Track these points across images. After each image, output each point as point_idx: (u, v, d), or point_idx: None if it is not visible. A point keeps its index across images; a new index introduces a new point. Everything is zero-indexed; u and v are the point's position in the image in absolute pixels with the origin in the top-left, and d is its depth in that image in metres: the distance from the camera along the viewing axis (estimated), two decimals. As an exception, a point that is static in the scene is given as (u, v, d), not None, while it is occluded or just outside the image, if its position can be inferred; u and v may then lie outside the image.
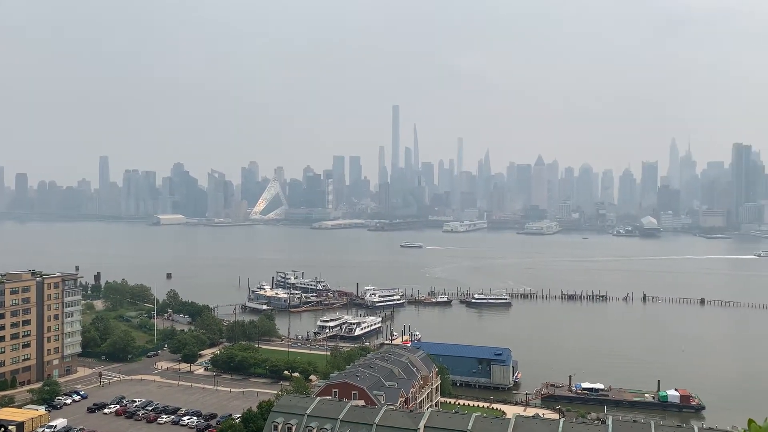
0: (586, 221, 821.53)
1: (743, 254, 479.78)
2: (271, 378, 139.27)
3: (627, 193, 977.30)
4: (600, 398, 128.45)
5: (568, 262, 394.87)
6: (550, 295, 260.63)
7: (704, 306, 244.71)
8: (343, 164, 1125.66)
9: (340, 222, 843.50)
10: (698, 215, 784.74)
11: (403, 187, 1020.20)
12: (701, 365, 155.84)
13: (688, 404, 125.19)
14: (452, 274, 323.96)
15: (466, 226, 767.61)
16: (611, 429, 73.01)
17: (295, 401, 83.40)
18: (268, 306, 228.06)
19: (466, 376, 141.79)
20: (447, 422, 75.88)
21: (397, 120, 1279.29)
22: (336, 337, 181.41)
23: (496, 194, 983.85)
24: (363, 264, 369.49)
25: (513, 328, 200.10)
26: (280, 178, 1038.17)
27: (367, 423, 75.30)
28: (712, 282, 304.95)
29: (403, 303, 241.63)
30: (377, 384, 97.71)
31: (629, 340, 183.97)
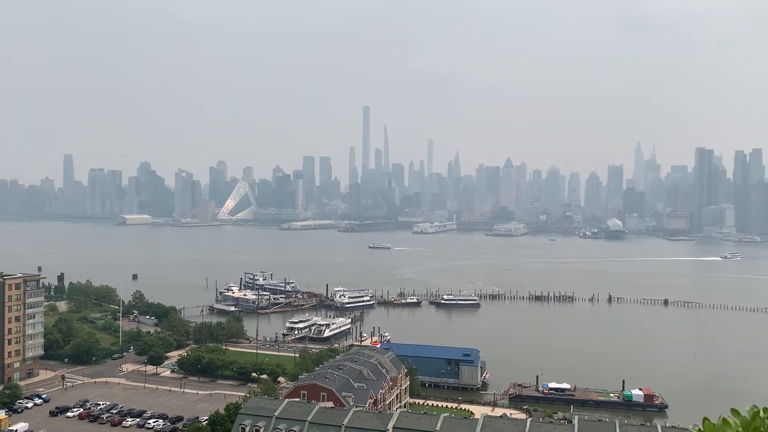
0: (554, 223, 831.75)
1: (708, 256, 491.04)
2: (238, 380, 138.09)
3: (593, 195, 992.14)
4: (566, 398, 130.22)
5: (535, 264, 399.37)
6: (518, 296, 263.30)
7: (668, 307, 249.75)
8: (313, 165, 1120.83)
9: (309, 223, 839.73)
10: (662, 217, 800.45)
11: (374, 188, 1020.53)
12: (665, 365, 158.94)
13: (652, 403, 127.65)
14: (422, 275, 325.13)
15: (436, 227, 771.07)
16: (577, 428, 74.08)
17: (263, 403, 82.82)
18: (236, 307, 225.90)
19: (435, 377, 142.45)
20: (416, 423, 76.16)
21: (367, 121, 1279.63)
22: (305, 338, 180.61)
23: (465, 196, 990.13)
24: (333, 265, 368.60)
25: (481, 329, 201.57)
26: (249, 178, 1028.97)
27: (336, 425, 75.15)
28: (675, 283, 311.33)
29: (373, 304, 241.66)
30: (346, 385, 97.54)
31: (595, 341, 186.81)
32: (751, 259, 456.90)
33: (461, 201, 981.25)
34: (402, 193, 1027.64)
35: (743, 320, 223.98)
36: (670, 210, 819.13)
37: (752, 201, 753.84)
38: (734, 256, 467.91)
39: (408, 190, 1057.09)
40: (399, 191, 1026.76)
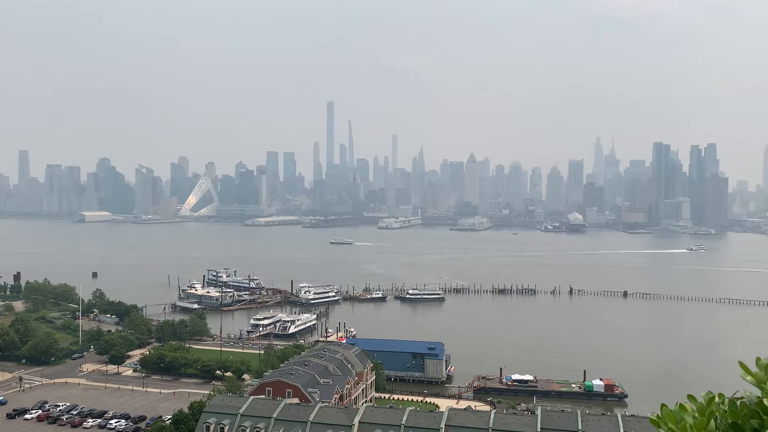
0: (516, 217, 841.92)
1: (667, 248, 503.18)
2: (202, 378, 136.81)
3: (554, 190, 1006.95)
4: (529, 389, 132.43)
5: (499, 257, 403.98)
6: (482, 290, 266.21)
7: (627, 298, 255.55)
8: (276, 160, 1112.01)
9: (273, 219, 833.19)
10: (621, 211, 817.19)
11: (338, 183, 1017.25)
12: (624, 355, 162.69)
13: (612, 393, 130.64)
14: (388, 270, 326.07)
15: (401, 222, 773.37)
16: (540, 419, 75.45)
17: (228, 401, 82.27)
18: (199, 305, 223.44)
19: (401, 371, 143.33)
20: (381, 417, 76.62)
21: (332, 116, 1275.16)
22: (270, 335, 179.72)
23: (430, 191, 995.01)
24: (298, 261, 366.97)
25: (446, 323, 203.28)
26: (212, 174, 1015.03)
27: (302, 421, 75.12)
28: (634, 275, 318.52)
29: (338, 300, 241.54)
30: (312, 381, 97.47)
31: (557, 333, 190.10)
32: (713, 251, 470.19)
33: (426, 196, 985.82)
34: (367, 188, 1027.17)
35: (700, 310, 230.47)
36: (629, 204, 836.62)
37: (707, 194, 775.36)
38: (699, 248, 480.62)
39: (373, 186, 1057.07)
40: (364, 187, 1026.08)
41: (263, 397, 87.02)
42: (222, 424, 77.12)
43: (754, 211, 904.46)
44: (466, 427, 74.39)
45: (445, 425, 74.02)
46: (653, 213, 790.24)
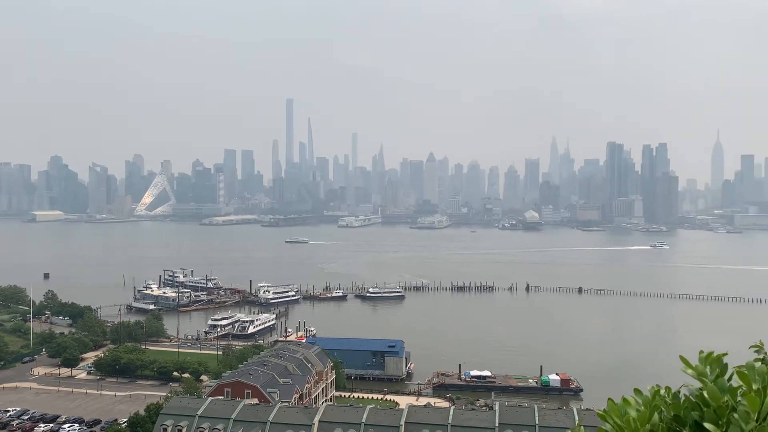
0: (475, 215, 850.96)
1: (637, 245, 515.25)
2: (159, 380, 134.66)
3: (511, 188, 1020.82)
4: (488, 385, 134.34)
5: (458, 255, 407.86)
6: (441, 287, 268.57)
7: (582, 294, 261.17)
8: (234, 158, 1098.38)
9: (232, 217, 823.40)
10: (576, 209, 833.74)
11: (298, 182, 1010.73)
12: (579, 350, 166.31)
13: (568, 387, 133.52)
14: (348, 268, 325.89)
15: (361, 220, 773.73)
16: (498, 414, 76.71)
17: (186, 402, 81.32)
18: (155, 306, 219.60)
19: (361, 369, 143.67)
20: (341, 416, 76.81)
21: (291, 114, 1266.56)
22: (228, 335, 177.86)
23: (390, 189, 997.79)
24: (256, 260, 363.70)
25: (406, 320, 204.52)
26: (168, 172, 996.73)
27: (261, 421, 74.75)
28: (588, 272, 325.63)
29: (298, 299, 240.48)
30: (271, 381, 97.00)
31: (514, 328, 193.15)
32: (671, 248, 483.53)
33: (386, 195, 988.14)
34: (327, 187, 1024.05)
35: (653, 306, 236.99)
36: (584, 202, 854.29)
37: (658, 192, 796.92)
38: (662, 245, 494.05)
39: (333, 184, 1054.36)
40: (324, 185, 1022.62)
41: (222, 398, 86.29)
42: (179, 426, 76.16)
43: (703, 208, 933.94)
44: (425, 424, 75.14)
45: (405, 422, 74.62)
46: (607, 211, 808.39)
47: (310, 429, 73.21)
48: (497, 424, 74.05)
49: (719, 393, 4.02)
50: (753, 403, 3.77)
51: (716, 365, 4.41)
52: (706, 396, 4.08)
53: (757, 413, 3.78)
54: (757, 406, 3.78)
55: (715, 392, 4.04)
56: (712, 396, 4.04)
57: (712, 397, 4.03)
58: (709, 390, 4.10)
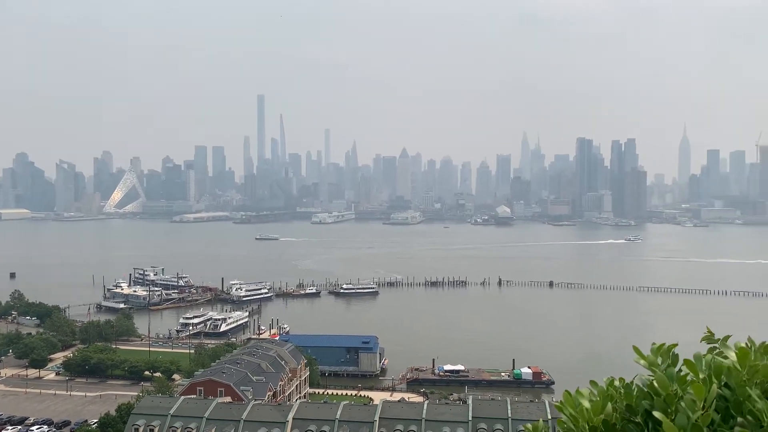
0: (447, 211, 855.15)
1: (590, 240, 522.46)
2: (130, 379, 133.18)
3: (484, 184, 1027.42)
4: (461, 379, 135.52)
5: (431, 251, 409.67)
6: (415, 283, 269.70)
7: (553, 288, 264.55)
8: (205, 155, 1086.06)
9: (203, 215, 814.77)
10: (547, 204, 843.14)
11: (270, 178, 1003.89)
12: (551, 343, 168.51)
13: (540, 380, 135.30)
14: (322, 265, 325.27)
15: (335, 217, 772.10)
16: (471, 408, 77.48)
17: (158, 402, 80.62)
18: (125, 304, 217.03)
19: (335, 366, 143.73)
20: (316, 412, 76.86)
21: (262, 110, 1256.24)
22: (200, 334, 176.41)
23: (363, 185, 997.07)
24: (228, 258, 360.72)
25: (380, 316, 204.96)
26: (137, 169, 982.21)
27: (234, 419, 74.44)
28: (559, 266, 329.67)
29: (271, 296, 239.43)
30: (244, 379, 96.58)
31: (487, 323, 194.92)
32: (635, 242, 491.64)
33: (359, 191, 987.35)
34: (299, 183, 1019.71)
35: (622, 298, 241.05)
36: (554, 197, 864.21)
37: (627, 187, 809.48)
38: (636, 239, 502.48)
39: (305, 180, 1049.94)
40: (296, 181, 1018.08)
41: (194, 397, 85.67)
42: (151, 426, 75.45)
43: (671, 202, 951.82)
44: (399, 419, 75.58)
45: (379, 418, 74.95)
46: (577, 206, 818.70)
47: (284, 426, 73.12)
48: (470, 418, 74.80)
49: (668, 382, 4.15)
50: (699, 392, 3.91)
51: (667, 356, 4.54)
52: (656, 385, 4.21)
53: (703, 401, 3.91)
54: (702, 394, 3.90)
55: (664, 381, 4.17)
56: (661, 385, 4.16)
57: (661, 386, 4.15)
58: (658, 379, 4.22)
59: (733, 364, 4.23)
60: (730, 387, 4.17)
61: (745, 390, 4.05)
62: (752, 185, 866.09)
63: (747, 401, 3.99)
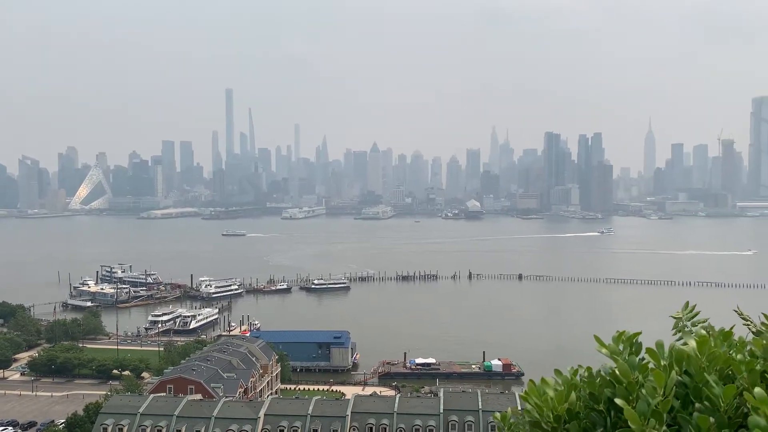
0: (418, 205, 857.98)
1: (559, 233, 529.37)
2: (98, 378, 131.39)
3: (454, 178, 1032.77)
4: (432, 372, 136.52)
5: (402, 245, 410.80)
6: (386, 277, 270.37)
7: (522, 281, 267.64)
8: (172, 149, 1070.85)
9: (171, 211, 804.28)
10: (516, 198, 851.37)
11: (239, 173, 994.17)
12: (520, 335, 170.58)
13: (510, 372, 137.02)
14: (294, 261, 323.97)
15: (305, 212, 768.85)
16: (443, 400, 78.22)
17: (126, 400, 79.68)
18: (92, 302, 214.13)
19: (307, 362, 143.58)
20: (287, 408, 76.78)
21: (230, 104, 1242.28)
22: (170, 331, 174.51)
23: (333, 180, 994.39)
24: (197, 254, 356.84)
25: (352, 311, 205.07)
26: (103, 165, 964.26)
27: (205, 417, 73.98)
28: (528, 259, 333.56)
29: (241, 293, 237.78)
30: (215, 376, 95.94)
31: (458, 316, 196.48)
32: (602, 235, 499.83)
33: (330, 186, 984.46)
34: (269, 178, 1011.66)
35: (589, 290, 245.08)
36: (523, 191, 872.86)
37: (593, 181, 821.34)
38: (609, 231, 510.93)
39: (275, 176, 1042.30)
40: (266, 176, 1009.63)
41: (164, 395, 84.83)
42: (120, 425, 74.53)
43: (636, 195, 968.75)
44: (371, 413, 75.93)
45: (351, 412, 75.21)
46: (545, 199, 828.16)
47: (256, 423, 72.89)
48: (442, 411, 75.51)
49: (629, 370, 4.24)
50: (659, 379, 4.00)
51: (628, 344, 4.65)
52: (618, 373, 4.29)
53: (663, 388, 4.00)
54: (662, 381, 4.00)
55: (625, 369, 4.25)
56: (623, 373, 4.25)
57: (623, 374, 4.24)
58: (620, 367, 4.30)
59: (692, 351, 4.29)
60: (689, 374, 4.26)
61: (703, 376, 4.13)
62: (714, 178, 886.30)
63: (705, 387, 4.07)
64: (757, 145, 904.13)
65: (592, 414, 4.43)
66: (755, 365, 4.16)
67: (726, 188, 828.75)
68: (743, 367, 4.13)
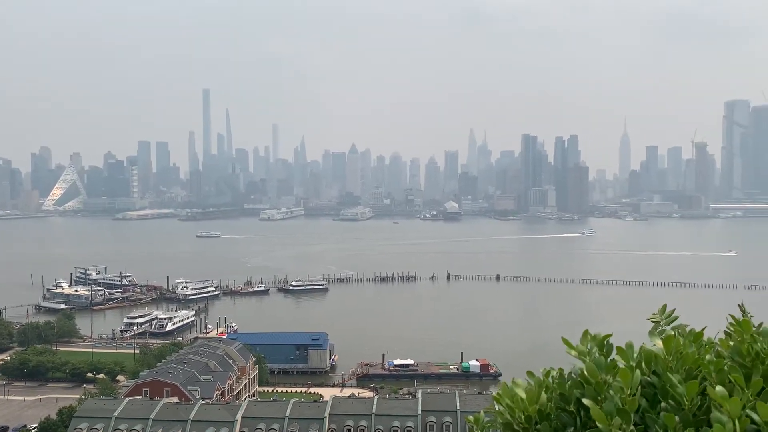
0: (397, 206, 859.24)
1: (534, 234, 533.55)
2: (72, 382, 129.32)
3: (432, 179, 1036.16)
4: (410, 373, 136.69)
5: (381, 246, 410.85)
6: (365, 278, 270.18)
7: (499, 282, 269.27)
8: (149, 150, 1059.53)
9: (147, 212, 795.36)
10: (493, 199, 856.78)
11: (216, 174, 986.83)
12: (498, 335, 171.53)
13: (488, 372, 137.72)
14: (272, 262, 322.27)
15: (284, 213, 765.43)
16: (421, 401, 78.38)
17: (101, 404, 78.62)
18: (66, 305, 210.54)
19: (284, 364, 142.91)
20: (265, 411, 76.37)
21: (207, 104, 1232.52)
22: (145, 333, 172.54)
23: (312, 181, 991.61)
24: (174, 256, 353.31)
25: (330, 313, 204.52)
26: (77, 165, 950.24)
27: (182, 420, 73.24)
28: (505, 259, 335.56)
29: (218, 294, 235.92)
30: (191, 379, 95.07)
31: (436, 316, 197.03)
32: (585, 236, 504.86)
33: (308, 187, 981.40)
34: (247, 179, 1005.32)
35: (566, 291, 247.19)
36: (500, 192, 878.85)
37: (570, 183, 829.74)
38: (590, 232, 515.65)
39: (253, 177, 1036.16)
40: (243, 177, 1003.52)
41: (140, 398, 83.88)
42: (95, 429, 73.50)
43: (612, 197, 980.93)
44: (349, 415, 75.79)
45: (329, 414, 74.99)
46: (522, 201, 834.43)
47: (233, 425, 72.34)
48: (420, 412, 75.64)
49: (597, 370, 4.30)
50: (625, 378, 4.08)
51: (595, 344, 4.67)
52: (587, 374, 4.35)
53: (630, 387, 4.07)
54: (628, 379, 4.07)
55: (593, 369, 4.30)
56: (590, 373, 4.30)
57: (590, 374, 4.30)
58: (588, 368, 4.35)
59: (660, 351, 4.37)
60: (657, 374, 4.33)
61: (668, 376, 4.21)
62: (688, 180, 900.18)
63: (669, 387, 4.14)
64: (729, 147, 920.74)
65: (563, 414, 4.47)
66: (722, 365, 4.19)
67: (699, 190, 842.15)
68: (711, 367, 4.18)
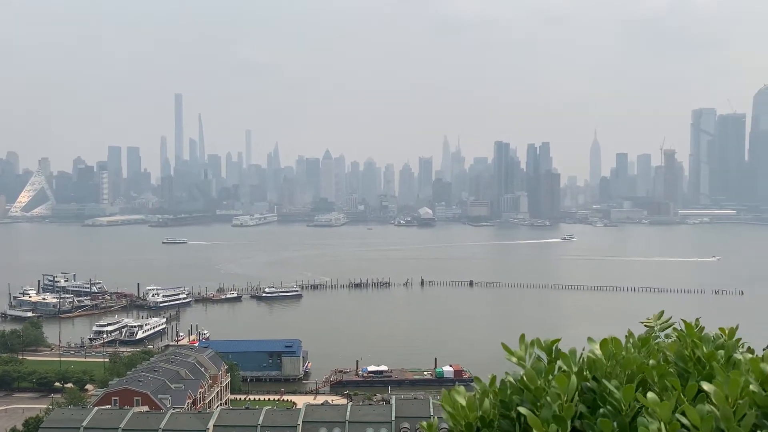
0: (371, 212, 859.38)
1: (507, 240, 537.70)
2: (39, 391, 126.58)
3: (406, 186, 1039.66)
4: (384, 380, 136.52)
5: (355, 252, 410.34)
6: (339, 285, 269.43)
7: (473, 287, 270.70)
8: (119, 155, 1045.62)
9: (117, 218, 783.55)
10: (467, 206, 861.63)
11: (188, 180, 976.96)
12: (471, 341, 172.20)
13: (461, 377, 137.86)
14: (246, 269, 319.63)
15: (257, 219, 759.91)
16: (394, 408, 78.30)
17: (69, 414, 77.10)
18: (33, 313, 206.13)
19: (257, 371, 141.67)
20: (237, 419, 75.65)
21: (180, 109, 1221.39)
22: (115, 341, 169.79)
23: (286, 187, 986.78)
24: (144, 262, 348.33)
25: (303, 319, 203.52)
26: (46, 171, 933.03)
27: (152, 429, 72.17)
28: (478, 265, 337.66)
29: (190, 302, 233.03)
30: (162, 387, 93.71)
31: (410, 322, 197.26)
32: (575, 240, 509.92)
33: (282, 193, 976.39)
34: (219, 185, 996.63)
35: (539, 296, 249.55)
36: (474, 199, 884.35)
37: (542, 189, 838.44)
38: (571, 238, 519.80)
39: (226, 182, 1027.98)
40: (216, 183, 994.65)
41: (109, 408, 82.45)
42: (62, 440, 72.03)
43: (583, 203, 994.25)
44: (323, 422, 75.40)
45: (303, 422, 74.51)
46: (495, 207, 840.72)
47: (205, 434, 71.43)
48: (393, 418, 75.55)
49: (535, 376, 4.30)
50: (562, 384, 4.09)
51: (543, 350, 4.74)
52: (526, 380, 4.36)
53: (566, 393, 4.06)
54: (565, 385, 4.06)
55: (532, 375, 4.31)
56: (529, 379, 4.31)
57: (529, 380, 4.30)
58: (526, 374, 4.37)
59: (598, 356, 4.41)
60: (597, 379, 4.34)
61: (604, 382, 4.23)
62: (657, 187, 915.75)
63: (605, 393, 4.16)
64: (696, 155, 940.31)
65: (503, 421, 4.45)
66: (665, 370, 4.21)
67: (668, 196, 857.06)
68: (654, 372, 4.19)
